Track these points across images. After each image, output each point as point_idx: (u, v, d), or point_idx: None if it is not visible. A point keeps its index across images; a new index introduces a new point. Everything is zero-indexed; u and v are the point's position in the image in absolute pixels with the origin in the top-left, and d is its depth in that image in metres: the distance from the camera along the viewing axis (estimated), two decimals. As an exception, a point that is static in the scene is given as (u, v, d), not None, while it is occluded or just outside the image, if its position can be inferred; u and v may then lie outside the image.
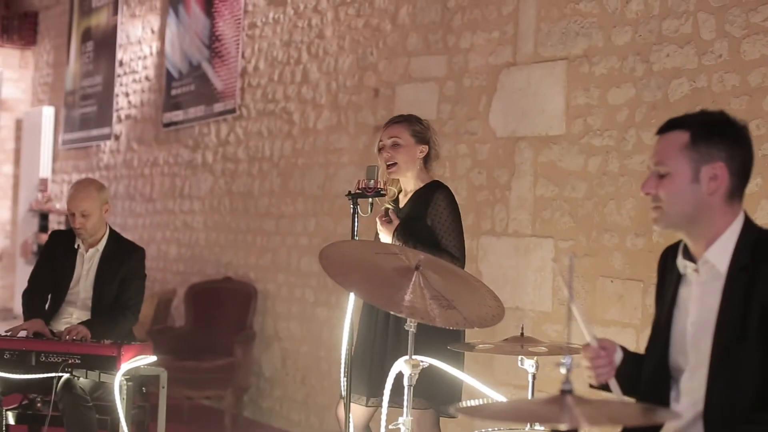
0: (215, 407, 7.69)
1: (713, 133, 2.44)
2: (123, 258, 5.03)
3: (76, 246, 5.06)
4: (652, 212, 2.52)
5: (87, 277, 5.02)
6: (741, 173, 2.46)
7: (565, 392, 2.01)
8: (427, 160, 4.21)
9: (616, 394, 2.54)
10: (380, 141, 4.20)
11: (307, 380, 7.00)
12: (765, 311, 2.36)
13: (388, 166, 4.12)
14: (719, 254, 2.45)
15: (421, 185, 4.17)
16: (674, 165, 2.45)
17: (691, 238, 2.51)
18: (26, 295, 5.10)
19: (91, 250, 5.03)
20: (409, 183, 4.21)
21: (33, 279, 5.14)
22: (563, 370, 2.06)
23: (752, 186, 4.13)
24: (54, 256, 5.11)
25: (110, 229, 5.12)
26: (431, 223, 4.07)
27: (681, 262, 2.54)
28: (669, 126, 2.51)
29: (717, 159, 2.42)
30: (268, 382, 7.41)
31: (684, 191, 2.44)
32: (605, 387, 2.58)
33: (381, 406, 3.68)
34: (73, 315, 4.98)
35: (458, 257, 4.04)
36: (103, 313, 4.92)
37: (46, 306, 5.07)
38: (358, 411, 4.09)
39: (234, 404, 7.17)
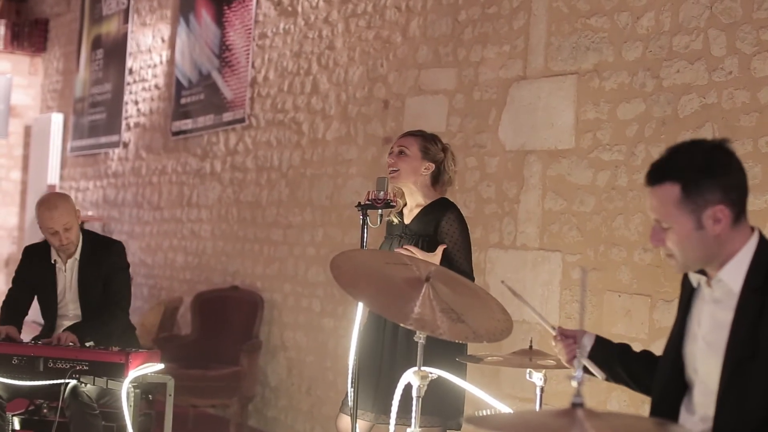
0: (220, 416, 7.68)
1: (703, 178, 2.39)
2: (101, 257, 4.95)
3: (53, 261, 4.97)
4: (668, 260, 2.52)
5: (71, 288, 4.95)
6: (740, 200, 2.44)
7: (576, 405, 2.01)
8: (437, 180, 4.23)
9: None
10: (391, 148, 4.28)
11: (312, 390, 7.00)
12: None
13: (390, 172, 4.18)
14: (733, 274, 2.45)
15: (429, 202, 4.20)
16: (674, 220, 2.43)
17: (708, 267, 2.52)
18: (2, 308, 4.99)
19: (69, 261, 4.95)
20: (413, 198, 4.23)
21: (9, 298, 5.01)
22: (574, 383, 2.06)
23: (761, 203, 4.14)
24: (31, 274, 5.01)
25: (83, 231, 5.01)
26: (441, 242, 4.10)
27: (693, 276, 2.56)
28: (657, 177, 2.45)
29: (715, 202, 2.39)
30: (273, 392, 7.41)
31: (691, 239, 2.43)
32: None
33: (388, 422, 3.68)
34: None
35: (467, 273, 4.06)
36: (92, 316, 4.88)
37: (40, 330, 5.02)
38: (362, 425, 4.08)
39: (239, 413, 7.17)
